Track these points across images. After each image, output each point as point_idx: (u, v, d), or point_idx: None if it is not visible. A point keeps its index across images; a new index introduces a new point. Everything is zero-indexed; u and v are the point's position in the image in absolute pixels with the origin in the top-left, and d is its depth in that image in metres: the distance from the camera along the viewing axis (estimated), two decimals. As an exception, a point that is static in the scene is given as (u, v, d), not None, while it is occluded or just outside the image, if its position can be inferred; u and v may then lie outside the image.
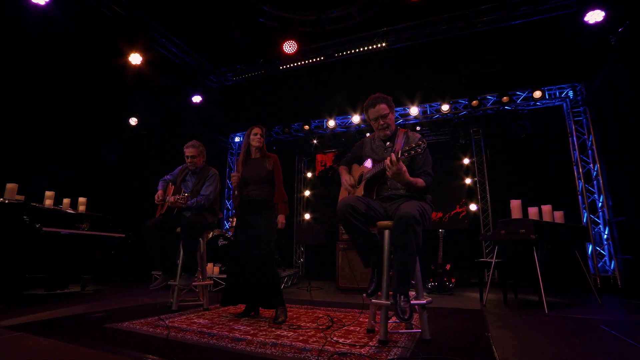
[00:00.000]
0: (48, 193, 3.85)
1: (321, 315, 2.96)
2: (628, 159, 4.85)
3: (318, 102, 7.51)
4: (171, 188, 3.27)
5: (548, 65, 5.83)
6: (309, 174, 9.04)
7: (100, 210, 4.35)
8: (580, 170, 5.82)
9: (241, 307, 2.99)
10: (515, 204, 3.57)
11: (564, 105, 6.12)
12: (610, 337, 2.36)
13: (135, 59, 5.33)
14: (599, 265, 5.55)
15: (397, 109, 7.24)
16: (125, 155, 6.12)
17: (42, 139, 4.99)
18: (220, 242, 5.18)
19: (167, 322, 2.55)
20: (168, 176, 3.43)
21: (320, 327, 2.49)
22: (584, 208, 5.75)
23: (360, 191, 2.34)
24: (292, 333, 2.31)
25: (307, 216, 8.82)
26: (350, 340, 2.14)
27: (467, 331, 2.46)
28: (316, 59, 6.40)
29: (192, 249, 3.00)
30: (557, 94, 6.09)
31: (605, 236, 5.56)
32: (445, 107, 6.53)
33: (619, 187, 5.23)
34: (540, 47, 5.68)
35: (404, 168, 2.02)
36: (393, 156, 2.00)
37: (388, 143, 2.40)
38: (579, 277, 5.66)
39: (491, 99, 6.44)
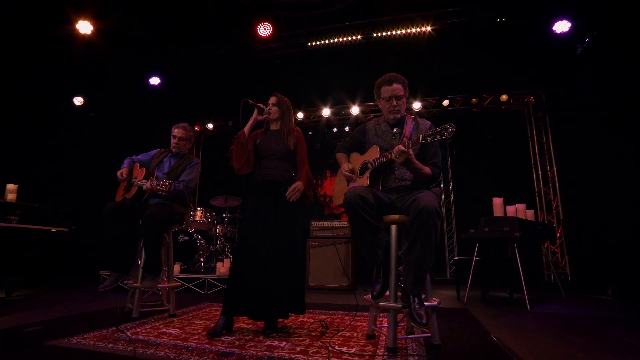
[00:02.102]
0: (-35, 177, 3.13)
1: (306, 319, 2.69)
2: (583, 164, 5.19)
3: (287, 92, 7.14)
4: (140, 171, 2.78)
5: (514, 71, 6.05)
6: (273, 168, 8.71)
7: (36, 200, 3.66)
8: (539, 172, 6.15)
9: (211, 314, 2.61)
10: (497, 202, 3.58)
11: (526, 110, 6.44)
12: (601, 334, 2.38)
13: (85, 27, 4.62)
14: (552, 261, 5.90)
15: (369, 104, 7.15)
16: (69, 139, 5.31)
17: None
18: (181, 237, 4.66)
19: (128, 333, 2.11)
20: (140, 156, 2.94)
21: (314, 334, 2.22)
22: (541, 208, 6.08)
23: (364, 181, 2.11)
24: (284, 343, 2.01)
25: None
26: (354, 349, 1.90)
27: (468, 333, 2.34)
28: (289, 47, 6.08)
29: (157, 244, 2.56)
30: (521, 99, 6.38)
31: (557, 234, 5.93)
32: (416, 105, 6.55)
33: (574, 189, 5.58)
34: (508, 52, 5.88)
35: (412, 153, 1.85)
36: (407, 142, 1.82)
37: (396, 129, 2.20)
38: (535, 272, 6.03)
39: (460, 100, 6.58)
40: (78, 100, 5.70)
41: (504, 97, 6.12)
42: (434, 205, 1.75)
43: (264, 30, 4.94)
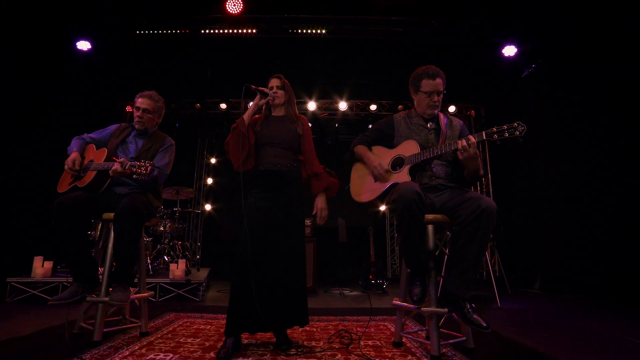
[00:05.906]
0: None
1: (307, 328, 2.41)
2: (514, 173, 5.88)
3: (241, 80, 6.60)
4: (98, 152, 2.15)
5: (461, 84, 6.55)
6: (213, 160, 8.18)
7: None
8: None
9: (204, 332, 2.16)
10: (470, 204, 3.77)
11: (466, 122, 7.04)
12: (573, 326, 2.64)
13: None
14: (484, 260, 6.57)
15: (324, 101, 7.04)
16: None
17: None
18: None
19: (105, 364, 1.58)
20: (93, 134, 2.29)
21: (336, 346, 1.97)
22: (476, 211, 6.72)
23: (404, 177, 1.95)
24: None
25: (207, 207, 7.87)
26: (397, 361, 1.72)
27: (476, 333, 2.34)
28: (249, 31, 5.60)
29: (134, 245, 2.01)
30: (464, 111, 6.96)
31: (491, 236, 6.62)
32: (373, 107, 6.67)
33: (505, 196, 6.28)
34: (458, 66, 6.34)
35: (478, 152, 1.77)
36: (473, 138, 1.72)
37: (430, 124, 2.11)
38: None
39: (411, 106, 6.87)
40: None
41: (452, 107, 6.60)
42: (495, 206, 1.70)
43: (234, 7, 4.42)
